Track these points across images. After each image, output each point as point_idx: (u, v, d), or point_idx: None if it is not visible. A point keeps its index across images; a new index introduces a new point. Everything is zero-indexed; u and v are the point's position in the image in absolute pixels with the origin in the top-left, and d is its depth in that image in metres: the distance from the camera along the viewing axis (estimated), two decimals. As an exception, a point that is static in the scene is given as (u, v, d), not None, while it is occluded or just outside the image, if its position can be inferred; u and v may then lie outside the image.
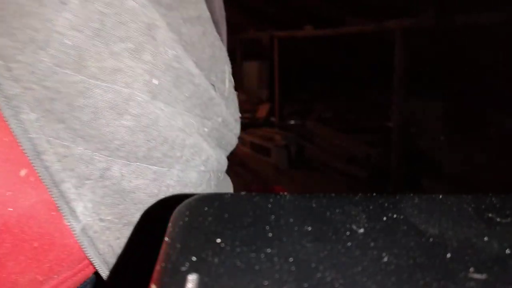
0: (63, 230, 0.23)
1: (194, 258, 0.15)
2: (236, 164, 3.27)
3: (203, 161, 0.26)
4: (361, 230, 0.17)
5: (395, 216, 0.18)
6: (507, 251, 0.16)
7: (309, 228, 0.17)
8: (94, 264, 0.24)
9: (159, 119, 0.23)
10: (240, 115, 0.32)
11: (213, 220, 0.17)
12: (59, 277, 0.23)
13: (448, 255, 0.15)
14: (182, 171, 0.25)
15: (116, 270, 0.24)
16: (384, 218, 0.17)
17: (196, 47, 0.25)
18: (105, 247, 0.23)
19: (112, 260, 0.24)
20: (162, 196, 0.25)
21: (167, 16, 0.23)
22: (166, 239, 0.16)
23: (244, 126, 3.82)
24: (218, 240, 0.16)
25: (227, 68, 0.29)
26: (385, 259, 0.15)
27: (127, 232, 0.24)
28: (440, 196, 0.19)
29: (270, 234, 0.16)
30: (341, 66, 4.24)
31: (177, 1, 0.24)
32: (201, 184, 0.27)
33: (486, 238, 0.16)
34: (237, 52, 5.11)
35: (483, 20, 2.16)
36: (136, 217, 0.24)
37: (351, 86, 4.22)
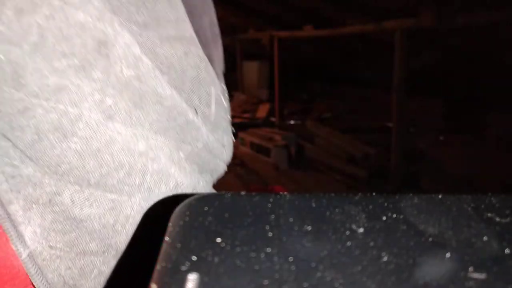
0: (9, 250, 0.21)
1: (194, 258, 0.15)
2: (236, 164, 3.27)
3: (171, 189, 0.24)
4: (361, 230, 0.17)
5: (394, 216, 0.18)
6: (507, 251, 0.16)
7: (309, 228, 0.17)
8: None
9: (113, 142, 0.22)
10: (233, 140, 0.30)
11: (213, 220, 0.17)
12: None
13: (448, 255, 0.15)
14: (144, 200, 0.23)
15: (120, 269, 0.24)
16: (384, 218, 0.17)
17: (174, 68, 0.24)
18: (54, 277, 0.22)
19: None
20: (119, 226, 0.23)
21: (140, 35, 0.22)
22: (166, 238, 0.16)
23: (244, 126, 3.84)
24: (218, 240, 0.16)
25: (214, 90, 0.27)
26: (385, 259, 0.15)
27: (80, 262, 0.22)
28: (440, 196, 0.19)
29: (270, 234, 0.16)
30: (341, 66, 4.24)
31: (154, 20, 0.23)
32: None
33: (486, 238, 0.16)
34: (237, 52, 5.11)
35: (483, 20, 2.16)
36: (91, 246, 0.22)
37: (351, 86, 4.23)
